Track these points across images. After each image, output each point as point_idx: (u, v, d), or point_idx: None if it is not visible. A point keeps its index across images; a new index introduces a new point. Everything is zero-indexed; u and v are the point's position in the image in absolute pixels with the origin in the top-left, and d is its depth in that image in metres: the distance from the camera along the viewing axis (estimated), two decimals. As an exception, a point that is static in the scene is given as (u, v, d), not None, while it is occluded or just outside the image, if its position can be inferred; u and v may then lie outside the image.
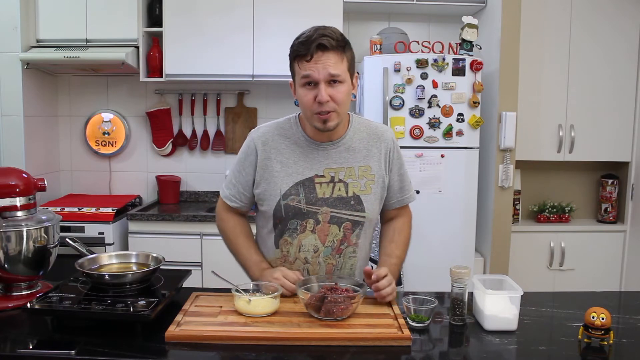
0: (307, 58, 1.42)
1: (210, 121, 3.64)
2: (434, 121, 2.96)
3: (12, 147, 3.15)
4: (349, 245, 1.58)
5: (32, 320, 1.40)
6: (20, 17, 3.10)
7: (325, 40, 1.41)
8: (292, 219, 1.54)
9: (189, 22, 3.22)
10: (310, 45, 1.41)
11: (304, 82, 1.45)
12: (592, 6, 3.32)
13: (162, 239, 3.07)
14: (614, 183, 3.50)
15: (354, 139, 1.59)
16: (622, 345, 1.30)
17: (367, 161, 1.58)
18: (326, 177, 1.54)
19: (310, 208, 1.53)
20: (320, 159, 1.55)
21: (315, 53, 1.41)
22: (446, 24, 3.55)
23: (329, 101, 1.43)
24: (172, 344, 1.25)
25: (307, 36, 1.44)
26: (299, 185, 1.54)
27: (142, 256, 1.61)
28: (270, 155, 1.56)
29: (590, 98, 3.37)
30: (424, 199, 2.99)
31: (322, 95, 1.42)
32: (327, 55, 1.42)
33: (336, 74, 1.43)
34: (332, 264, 1.57)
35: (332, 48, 1.42)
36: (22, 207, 1.53)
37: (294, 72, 1.51)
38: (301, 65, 1.45)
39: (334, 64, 1.42)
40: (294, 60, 1.48)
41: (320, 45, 1.41)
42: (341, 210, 1.54)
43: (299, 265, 1.58)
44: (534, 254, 3.40)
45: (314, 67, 1.42)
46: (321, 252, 1.56)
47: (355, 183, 1.55)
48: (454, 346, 1.34)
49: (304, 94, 1.46)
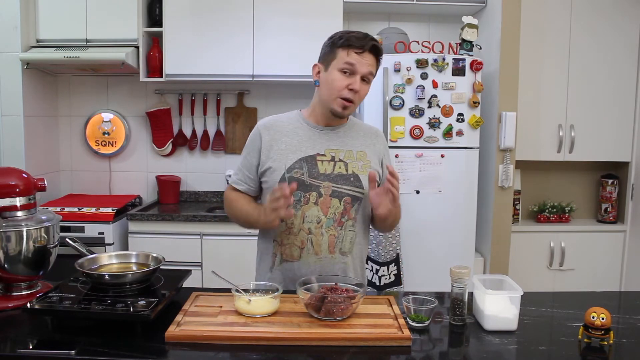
0: (359, 51, 1.59)
1: (210, 121, 3.64)
2: (434, 121, 2.96)
3: (12, 147, 3.15)
4: (349, 219, 1.65)
5: (32, 320, 1.40)
6: (20, 17, 3.10)
7: (377, 44, 1.62)
8: (295, 191, 1.60)
9: (189, 22, 3.22)
10: (367, 42, 1.59)
11: (344, 68, 1.59)
12: (592, 6, 3.32)
13: (162, 239, 3.07)
14: (614, 183, 3.50)
15: (351, 131, 1.74)
16: (622, 345, 1.30)
17: (363, 148, 1.72)
18: (327, 156, 1.67)
19: (313, 181, 1.63)
20: (322, 140, 1.68)
21: (367, 50, 1.59)
22: (446, 24, 3.55)
23: (357, 93, 1.60)
24: (172, 344, 1.25)
25: (360, 34, 1.61)
26: (302, 161, 1.64)
27: (142, 256, 1.61)
28: (275, 136, 1.68)
29: (590, 98, 3.37)
30: (424, 199, 2.99)
31: (357, 84, 1.59)
32: (372, 56, 1.61)
33: (372, 74, 1.63)
34: (333, 235, 1.64)
35: (376, 53, 1.62)
36: (22, 207, 1.53)
37: (332, 57, 1.61)
38: (349, 54, 1.59)
39: (373, 66, 1.62)
40: (340, 47, 1.60)
41: (374, 47, 1.60)
42: (342, 186, 1.64)
43: (303, 237, 1.63)
44: (534, 254, 3.40)
45: (361, 61, 1.59)
46: (324, 223, 1.63)
47: (354, 163, 1.68)
48: (454, 346, 1.34)
49: (338, 77, 1.60)
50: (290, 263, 1.65)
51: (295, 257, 1.64)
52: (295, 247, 1.64)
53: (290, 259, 1.65)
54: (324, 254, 1.63)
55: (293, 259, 1.64)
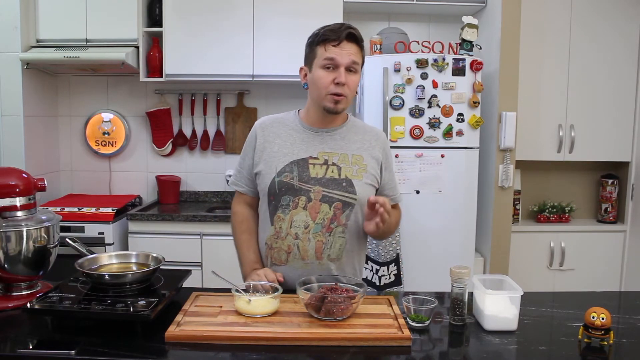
0: (335, 43, 1.55)
1: (210, 121, 3.64)
2: (434, 121, 2.96)
3: (12, 147, 3.15)
4: (338, 225, 1.62)
5: (32, 320, 1.40)
6: (20, 17, 3.10)
7: (354, 31, 1.57)
8: (284, 195, 1.61)
9: (189, 22, 3.22)
10: (341, 32, 1.55)
11: (326, 64, 1.57)
12: (592, 6, 3.32)
13: (162, 239, 3.07)
14: (614, 183, 3.50)
15: (349, 132, 1.69)
16: (622, 345, 1.30)
17: (360, 152, 1.67)
18: (320, 160, 1.63)
19: (303, 185, 1.61)
20: (316, 143, 1.65)
21: (343, 40, 1.55)
22: (446, 24, 3.55)
23: (345, 85, 1.56)
24: (172, 344, 1.25)
25: (336, 25, 1.58)
26: (293, 164, 1.62)
27: (142, 256, 1.61)
28: (269, 138, 1.67)
29: (590, 98, 3.37)
30: (424, 199, 2.99)
31: (342, 77, 1.55)
32: (351, 45, 1.57)
33: (356, 62, 1.57)
34: (321, 241, 1.61)
35: (355, 40, 1.57)
36: (22, 207, 1.53)
37: (313, 56, 1.60)
38: (327, 49, 1.56)
39: (355, 54, 1.57)
40: (317, 44, 1.59)
41: (350, 35, 1.56)
42: (333, 190, 1.61)
43: (290, 241, 1.62)
44: (534, 254, 3.40)
45: (340, 52, 1.55)
46: (311, 228, 1.60)
47: (348, 168, 1.64)
48: (454, 346, 1.34)
49: (322, 75, 1.57)
50: (278, 267, 1.65)
51: (283, 262, 1.64)
52: (282, 252, 1.64)
53: (278, 262, 1.65)
54: (310, 259, 1.61)
55: (281, 263, 1.64)
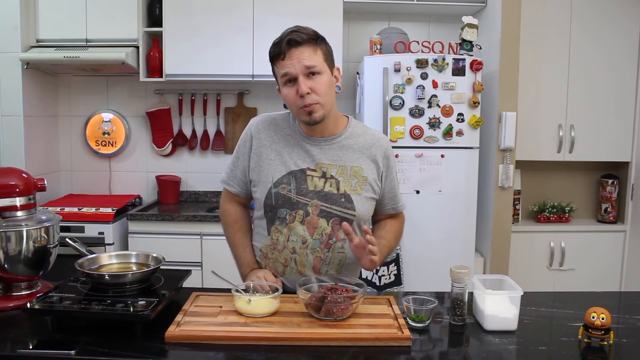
0: (282, 57, 1.47)
1: (210, 121, 3.64)
2: (434, 121, 2.96)
3: (12, 147, 3.15)
4: (337, 241, 1.57)
5: (32, 320, 1.40)
6: (20, 17, 3.10)
7: (295, 35, 1.46)
8: (281, 208, 1.56)
9: (189, 22, 3.22)
10: (282, 43, 1.47)
11: (285, 81, 1.49)
12: (592, 6, 3.32)
13: (162, 239, 3.07)
14: (614, 183, 3.50)
15: (349, 140, 1.61)
16: (622, 345, 1.30)
17: (360, 163, 1.59)
18: (318, 172, 1.57)
19: (300, 199, 1.55)
20: (313, 153, 1.58)
21: (287, 50, 1.46)
22: (446, 24, 3.55)
23: (310, 93, 1.47)
24: (172, 344, 1.25)
25: (279, 37, 1.50)
26: (290, 175, 1.56)
27: (142, 256, 1.60)
28: (265, 143, 1.60)
29: (590, 98, 3.37)
30: (424, 199, 2.99)
31: (301, 87, 1.46)
32: (300, 49, 1.46)
33: (312, 65, 1.47)
34: (319, 257, 1.57)
35: (302, 42, 1.46)
36: (22, 207, 1.53)
37: (276, 76, 1.54)
38: (278, 65, 1.49)
39: (308, 57, 1.47)
40: (272, 63, 1.53)
41: (291, 41, 1.46)
42: (331, 205, 1.55)
43: (287, 255, 1.59)
44: (534, 254, 3.40)
45: (290, 63, 1.46)
46: (309, 243, 1.57)
47: (347, 182, 1.57)
48: (454, 346, 1.34)
49: (287, 92, 1.50)
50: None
51: (279, 273, 1.62)
52: (279, 264, 1.61)
53: (274, 273, 1.62)
54: (308, 273, 1.57)
55: (277, 274, 1.62)
